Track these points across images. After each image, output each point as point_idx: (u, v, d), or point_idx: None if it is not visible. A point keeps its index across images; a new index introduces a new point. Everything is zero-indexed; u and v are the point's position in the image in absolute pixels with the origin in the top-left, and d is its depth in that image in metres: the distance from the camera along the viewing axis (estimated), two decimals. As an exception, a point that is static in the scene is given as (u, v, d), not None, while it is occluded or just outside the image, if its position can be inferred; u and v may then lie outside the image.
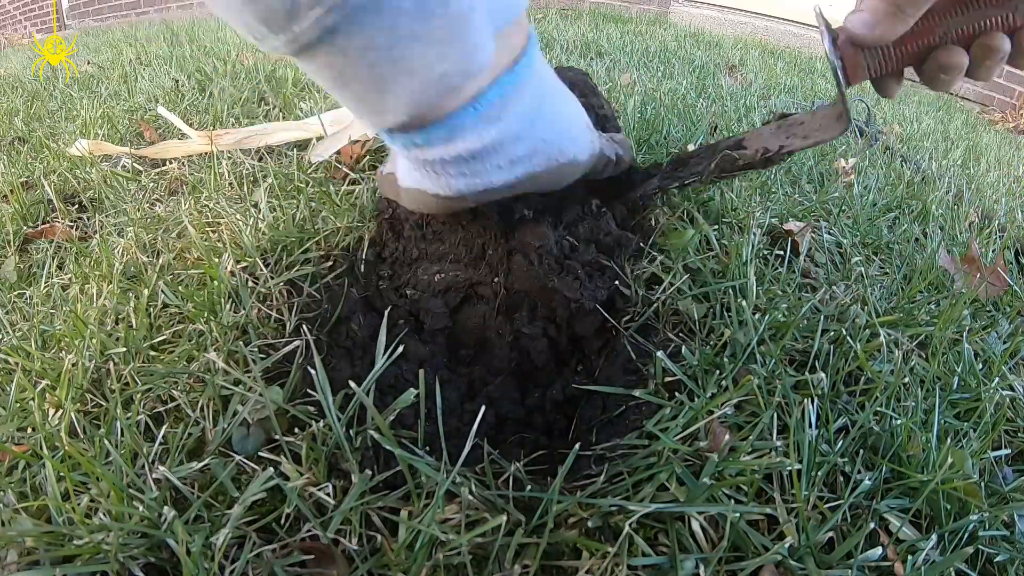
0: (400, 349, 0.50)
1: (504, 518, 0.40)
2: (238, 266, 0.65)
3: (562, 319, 0.64)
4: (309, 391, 0.49)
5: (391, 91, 0.41)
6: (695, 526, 0.42)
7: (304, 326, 0.58)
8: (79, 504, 0.41)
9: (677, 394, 0.51)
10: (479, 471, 0.45)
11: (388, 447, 0.42)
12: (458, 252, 0.67)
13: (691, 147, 0.99)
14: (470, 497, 0.41)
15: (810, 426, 0.48)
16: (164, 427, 0.47)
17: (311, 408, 0.48)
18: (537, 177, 0.53)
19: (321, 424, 0.45)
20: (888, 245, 0.90)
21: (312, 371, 0.47)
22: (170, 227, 0.77)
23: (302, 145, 1.05)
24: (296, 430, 0.46)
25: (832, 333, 0.61)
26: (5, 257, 0.79)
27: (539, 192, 0.57)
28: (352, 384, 0.45)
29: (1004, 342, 0.69)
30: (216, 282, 0.61)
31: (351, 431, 0.45)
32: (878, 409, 0.53)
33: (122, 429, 0.46)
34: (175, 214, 0.80)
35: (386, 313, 0.53)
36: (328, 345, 0.58)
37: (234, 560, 0.39)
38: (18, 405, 0.50)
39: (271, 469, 0.42)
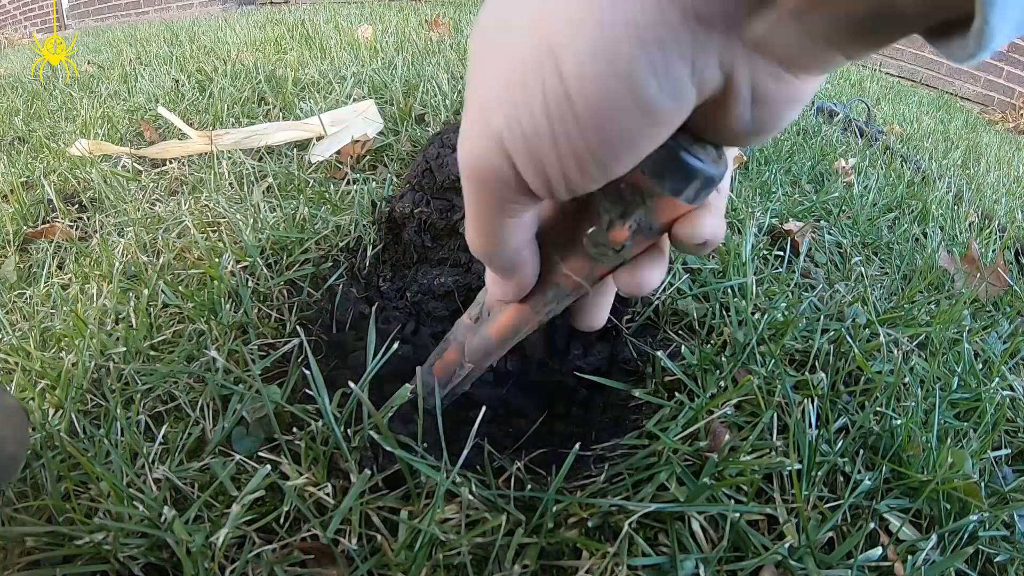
0: (395, 347, 0.50)
1: (504, 518, 0.40)
2: (238, 266, 0.65)
3: (561, 324, 0.64)
4: (308, 391, 0.49)
5: None
6: (695, 526, 0.42)
7: (304, 326, 0.58)
8: (79, 504, 0.41)
9: (677, 394, 0.51)
10: (479, 471, 0.45)
11: (388, 447, 0.42)
12: (457, 257, 0.67)
13: None
14: (470, 497, 0.41)
15: (810, 426, 0.48)
16: (164, 427, 0.47)
17: (310, 408, 0.48)
18: None
19: (320, 424, 0.45)
20: (888, 245, 0.90)
21: (310, 372, 0.47)
22: (170, 227, 0.77)
23: (302, 145, 1.05)
24: (295, 429, 0.46)
25: (832, 333, 0.61)
26: (5, 257, 0.79)
27: None
28: (351, 384, 0.45)
29: (1004, 342, 0.69)
30: (216, 282, 0.61)
31: (349, 430, 0.45)
32: (878, 409, 0.52)
33: (122, 429, 0.46)
34: (175, 214, 0.80)
35: (373, 310, 0.53)
36: (328, 345, 0.58)
37: (234, 560, 0.39)
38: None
39: (268, 467, 0.42)
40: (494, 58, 0.21)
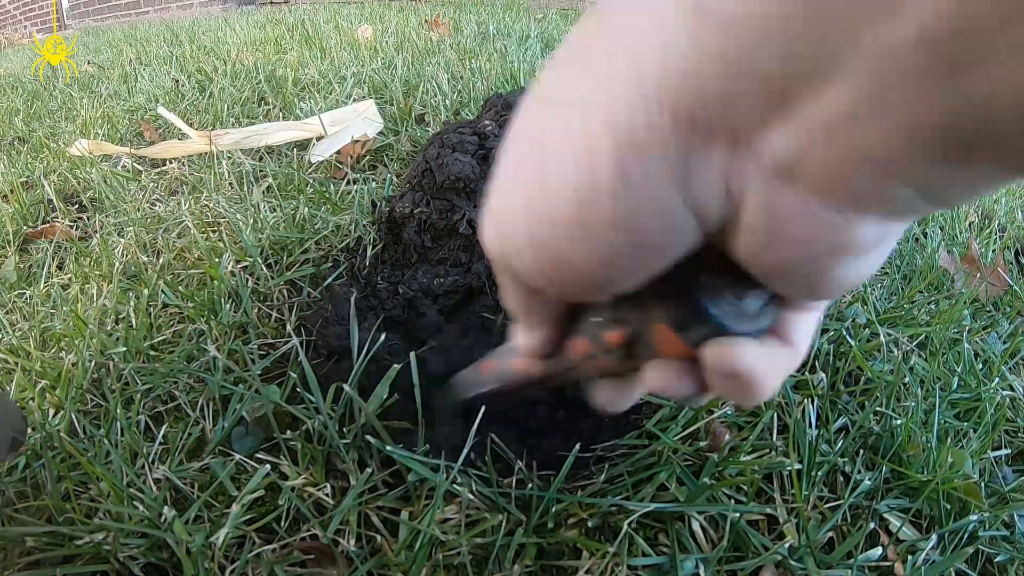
0: (382, 338, 0.50)
1: (502, 517, 0.40)
2: (238, 266, 0.65)
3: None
4: (306, 391, 0.49)
5: None
6: (695, 526, 0.42)
7: (304, 326, 0.58)
8: (79, 504, 0.41)
9: (677, 394, 0.51)
10: (480, 468, 0.45)
11: (388, 448, 0.42)
12: (456, 257, 0.67)
13: None
14: (470, 497, 0.41)
15: (810, 426, 0.48)
16: (164, 427, 0.47)
17: (310, 407, 0.48)
18: None
19: (316, 422, 0.45)
20: (888, 245, 0.90)
21: (304, 371, 0.47)
22: (170, 227, 0.77)
23: (302, 145, 1.05)
24: (289, 432, 0.46)
25: (832, 333, 0.61)
26: (5, 257, 0.79)
27: None
28: (346, 388, 0.45)
29: (1004, 342, 0.69)
30: (216, 282, 0.61)
31: (344, 428, 0.45)
32: (878, 409, 0.52)
33: (122, 429, 0.46)
34: (175, 214, 0.80)
35: (352, 300, 0.53)
36: (328, 344, 0.58)
37: (234, 560, 0.39)
38: (18, 405, 0.50)
39: (267, 467, 0.42)
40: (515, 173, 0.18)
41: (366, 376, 0.53)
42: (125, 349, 0.54)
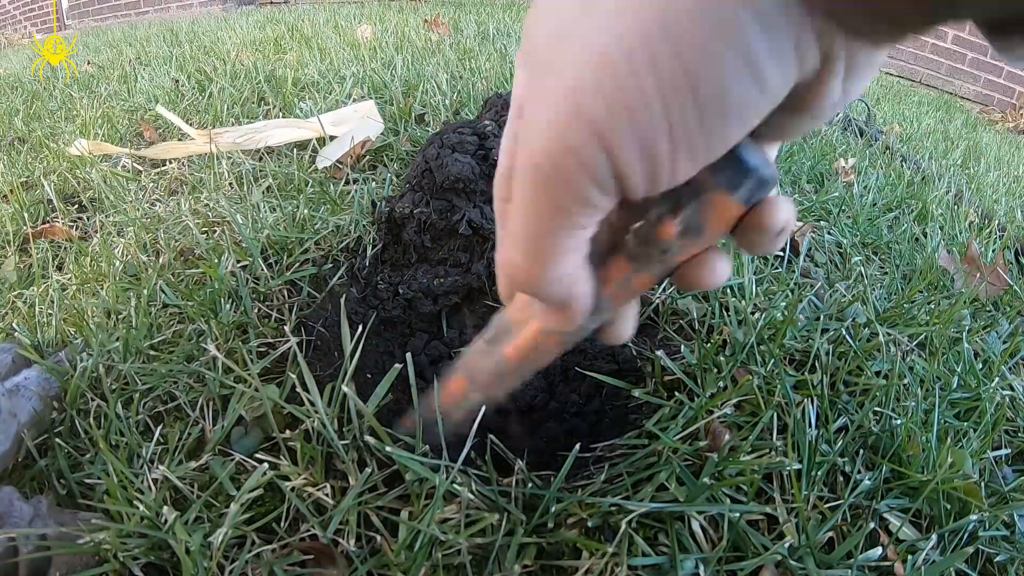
0: (360, 330, 0.51)
1: (498, 516, 0.40)
2: (238, 266, 0.65)
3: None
4: (304, 391, 0.49)
5: None
6: (695, 526, 0.42)
7: (304, 325, 0.58)
8: (79, 504, 0.41)
9: (676, 393, 0.51)
10: (480, 467, 0.45)
11: (388, 448, 0.42)
12: (456, 257, 0.67)
13: None
14: (470, 496, 0.41)
15: (810, 426, 0.48)
16: (163, 427, 0.47)
17: (307, 407, 0.48)
18: None
19: (316, 422, 0.45)
20: (888, 245, 0.90)
21: (302, 371, 0.47)
22: (170, 227, 0.77)
23: (302, 145, 1.05)
24: (287, 432, 0.46)
25: (831, 333, 0.61)
26: (5, 257, 0.79)
27: None
28: (344, 388, 0.44)
29: (1004, 342, 0.69)
30: (216, 282, 0.61)
31: (344, 429, 0.45)
32: (877, 409, 0.52)
33: (121, 429, 0.46)
34: (175, 214, 0.80)
35: (342, 302, 0.53)
36: (327, 344, 0.58)
37: (234, 560, 0.39)
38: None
39: (266, 466, 0.42)
40: (573, 46, 0.19)
41: (366, 375, 0.53)
42: (125, 349, 0.54)
